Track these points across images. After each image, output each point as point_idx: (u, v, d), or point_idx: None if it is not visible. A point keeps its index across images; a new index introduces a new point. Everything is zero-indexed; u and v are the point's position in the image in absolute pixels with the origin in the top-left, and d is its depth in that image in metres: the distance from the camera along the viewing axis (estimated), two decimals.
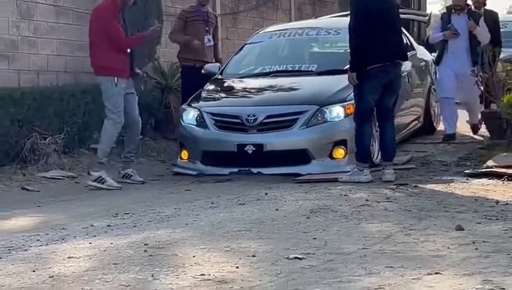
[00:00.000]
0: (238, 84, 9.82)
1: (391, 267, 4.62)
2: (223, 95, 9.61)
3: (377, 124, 8.59)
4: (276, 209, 6.59)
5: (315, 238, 5.47)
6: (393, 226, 5.85)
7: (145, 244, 5.33)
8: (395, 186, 7.65)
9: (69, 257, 5.04)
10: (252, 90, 9.54)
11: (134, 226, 6.09)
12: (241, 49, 10.68)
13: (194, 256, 5.01)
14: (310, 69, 9.70)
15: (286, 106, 8.89)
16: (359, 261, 4.79)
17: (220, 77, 10.00)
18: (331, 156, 8.65)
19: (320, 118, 8.71)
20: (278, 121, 8.78)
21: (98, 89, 8.66)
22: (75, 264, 4.87)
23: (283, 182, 8.16)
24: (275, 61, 10.07)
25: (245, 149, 8.64)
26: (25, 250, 5.34)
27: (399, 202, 6.83)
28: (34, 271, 4.71)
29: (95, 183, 8.18)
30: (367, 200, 6.87)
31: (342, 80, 8.71)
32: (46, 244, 5.50)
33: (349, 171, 8.19)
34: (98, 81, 8.56)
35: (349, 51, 8.35)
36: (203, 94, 9.54)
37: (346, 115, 8.68)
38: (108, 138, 8.39)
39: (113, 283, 4.43)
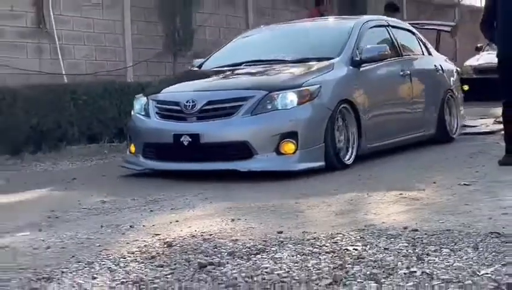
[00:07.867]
0: (199, 74, 8.55)
1: None
2: (174, 82, 8.28)
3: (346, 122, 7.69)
4: (444, 153, 8.11)
5: (477, 172, 6.71)
6: None
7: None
8: None
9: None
10: (205, 78, 8.13)
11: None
12: (227, 44, 9.49)
13: (398, 183, 6.33)
14: (284, 58, 8.29)
15: (230, 91, 7.46)
16: None
17: (194, 69, 8.95)
18: (277, 151, 7.16)
19: (269, 106, 7.23)
20: (219, 108, 7.30)
21: None
22: None
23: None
24: (251, 53, 8.73)
25: (181, 140, 7.29)
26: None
27: None
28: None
29: None
30: None
31: (309, 67, 7.79)
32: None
33: (297, 170, 7.11)
34: None
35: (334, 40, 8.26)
36: (160, 84, 8.59)
37: (300, 103, 7.27)
38: None
39: (339, 199, 5.69)
